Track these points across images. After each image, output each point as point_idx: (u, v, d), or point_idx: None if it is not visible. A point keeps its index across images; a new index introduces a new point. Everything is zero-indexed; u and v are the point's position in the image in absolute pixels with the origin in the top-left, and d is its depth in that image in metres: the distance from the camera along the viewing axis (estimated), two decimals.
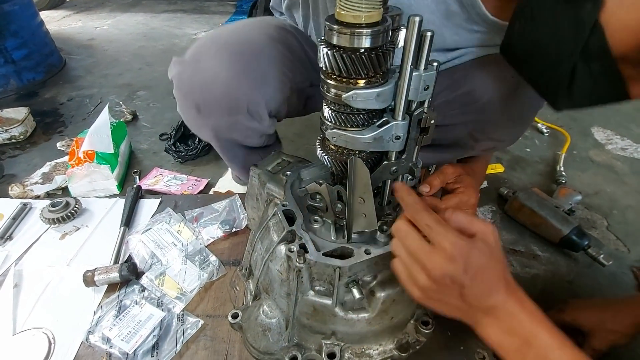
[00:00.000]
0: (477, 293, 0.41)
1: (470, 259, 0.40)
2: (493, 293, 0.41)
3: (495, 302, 0.41)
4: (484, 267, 0.41)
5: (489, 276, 0.41)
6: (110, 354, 0.65)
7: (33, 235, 0.90)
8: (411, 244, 0.43)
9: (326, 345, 0.58)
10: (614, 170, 1.29)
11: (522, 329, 0.40)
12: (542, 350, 0.39)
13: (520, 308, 0.41)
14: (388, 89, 0.44)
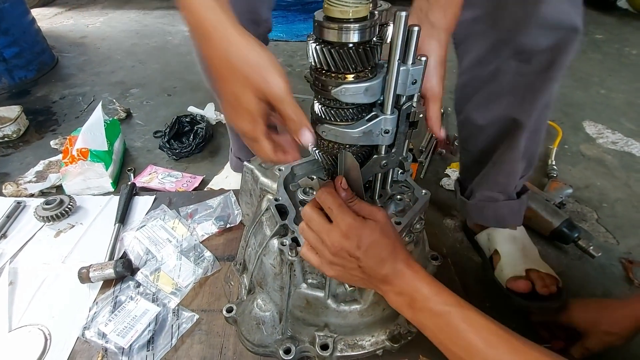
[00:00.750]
0: (371, 265, 0.48)
1: (362, 236, 0.47)
2: (384, 264, 0.48)
3: (387, 271, 0.48)
4: (374, 243, 0.47)
5: (379, 250, 0.48)
6: (106, 348, 0.66)
7: (27, 233, 0.90)
8: (315, 225, 0.49)
9: (319, 337, 0.59)
10: (604, 164, 1.31)
11: (408, 287, 0.47)
12: (424, 300, 0.46)
13: (407, 272, 0.48)
14: (376, 83, 0.45)
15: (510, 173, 0.84)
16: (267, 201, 0.61)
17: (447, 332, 0.45)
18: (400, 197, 0.61)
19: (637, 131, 1.47)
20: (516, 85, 0.70)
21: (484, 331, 0.43)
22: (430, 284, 0.47)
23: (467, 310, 0.45)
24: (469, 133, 0.86)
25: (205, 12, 0.37)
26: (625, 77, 1.87)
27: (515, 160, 0.82)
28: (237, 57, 0.37)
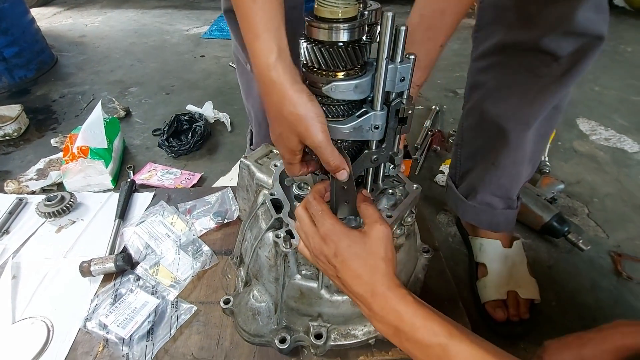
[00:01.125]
0: (347, 280, 0.46)
1: (340, 245, 0.46)
2: (360, 282, 0.45)
3: (362, 291, 0.45)
4: (354, 256, 0.45)
5: (357, 265, 0.45)
6: (107, 339, 0.68)
7: (29, 229, 0.92)
8: (303, 226, 0.51)
9: (313, 326, 0.60)
10: (596, 160, 1.33)
11: (390, 316, 0.43)
12: (411, 330, 0.42)
13: (389, 296, 0.44)
14: (365, 80, 0.46)
15: (514, 176, 0.84)
16: (263, 196, 0.63)
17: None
18: (392, 192, 0.63)
19: (630, 127, 1.50)
20: (530, 84, 0.69)
21: None
22: (417, 311, 0.43)
23: (459, 341, 0.41)
24: (474, 122, 0.84)
25: (269, 72, 0.43)
26: (619, 75, 1.89)
27: (521, 163, 0.81)
28: (288, 110, 0.44)
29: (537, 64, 0.66)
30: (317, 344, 0.59)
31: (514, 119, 0.75)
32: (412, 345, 0.43)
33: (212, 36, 2.42)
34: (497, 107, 0.76)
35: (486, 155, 0.83)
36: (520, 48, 0.67)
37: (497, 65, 0.73)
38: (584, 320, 0.86)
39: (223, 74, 1.94)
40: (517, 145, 0.77)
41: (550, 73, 0.66)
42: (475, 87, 0.80)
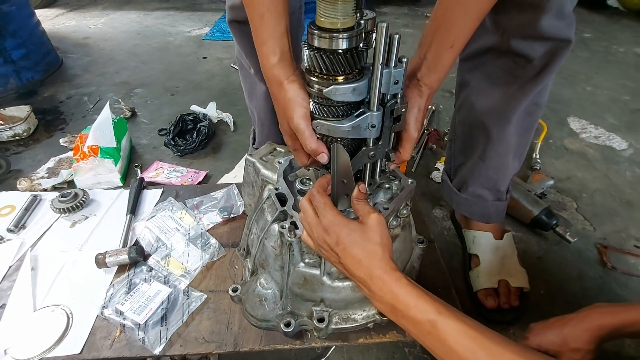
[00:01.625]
0: (348, 265, 0.51)
1: (340, 234, 0.51)
2: (360, 266, 0.50)
3: (363, 275, 0.50)
4: (353, 243, 0.51)
5: (357, 251, 0.50)
6: (124, 325, 0.73)
7: (45, 224, 0.97)
8: (307, 217, 0.56)
9: (316, 311, 0.65)
10: (586, 157, 1.39)
11: (387, 296, 0.49)
12: (405, 309, 0.48)
13: (386, 279, 0.49)
14: (362, 84, 0.51)
15: (500, 169, 0.89)
16: (268, 191, 0.68)
17: (430, 339, 0.47)
18: (389, 186, 0.68)
19: (619, 126, 1.55)
20: (509, 84, 0.77)
21: (464, 338, 0.44)
22: (410, 292, 0.48)
23: (447, 318, 0.46)
24: (463, 118, 0.91)
25: (272, 70, 0.52)
26: (611, 74, 1.95)
27: (505, 156, 0.87)
28: (282, 97, 0.53)
29: (513, 66, 0.74)
30: (319, 327, 0.64)
31: (496, 114, 0.82)
32: (407, 321, 0.48)
33: (214, 37, 2.46)
34: (480, 104, 0.83)
35: (474, 150, 0.90)
36: (498, 51, 0.74)
37: (481, 66, 0.80)
38: (571, 308, 0.90)
39: (226, 75, 1.99)
40: (500, 139, 0.84)
41: (525, 74, 0.74)
42: (463, 86, 0.87)
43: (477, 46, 0.78)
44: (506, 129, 0.82)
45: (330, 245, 0.52)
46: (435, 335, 0.46)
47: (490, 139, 0.84)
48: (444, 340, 0.45)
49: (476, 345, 0.44)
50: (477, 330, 0.45)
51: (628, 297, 0.93)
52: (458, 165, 0.97)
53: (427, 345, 0.48)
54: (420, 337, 0.48)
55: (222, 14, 2.83)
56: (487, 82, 0.80)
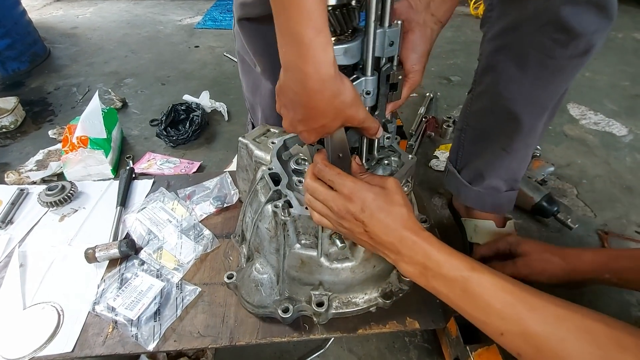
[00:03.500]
0: (376, 231, 0.49)
1: (366, 200, 0.49)
2: (389, 230, 0.48)
3: (393, 239, 0.48)
4: (379, 208, 0.49)
5: (384, 216, 0.48)
6: (116, 321, 0.70)
7: (33, 218, 0.94)
8: (320, 194, 0.52)
9: (315, 295, 0.62)
10: (585, 143, 1.37)
11: (418, 256, 0.48)
12: (437, 267, 0.47)
13: (415, 239, 0.48)
14: (355, 45, 0.47)
15: (524, 159, 0.83)
16: (262, 171, 0.65)
17: (463, 297, 0.45)
18: (388, 162, 0.64)
19: (619, 112, 1.53)
20: (544, 66, 0.66)
21: (500, 292, 0.43)
22: (440, 249, 0.47)
23: (481, 273, 0.45)
24: (484, 106, 0.81)
25: (330, 68, 0.41)
26: (611, 60, 1.92)
27: (532, 146, 0.80)
28: (340, 100, 0.44)
29: (551, 45, 0.62)
30: (319, 311, 0.61)
31: (528, 103, 0.72)
32: (438, 281, 0.47)
33: (206, 26, 2.40)
34: (509, 91, 0.72)
35: (496, 140, 0.81)
36: (534, 25, 0.62)
37: (510, 46, 0.68)
38: (572, 294, 0.90)
39: (218, 64, 1.94)
40: (531, 130, 0.75)
41: (565, 53, 0.63)
42: (488, 70, 0.76)
43: (508, 20, 0.67)
44: (540, 118, 0.73)
45: (354, 214, 0.49)
46: (470, 292, 0.45)
47: (520, 131, 0.75)
48: (479, 296, 0.44)
49: (514, 299, 0.43)
50: (513, 284, 0.44)
51: None
52: (470, 156, 0.90)
53: (460, 305, 0.46)
54: (452, 296, 0.46)
55: (214, 2, 2.76)
56: (517, 65, 0.69)
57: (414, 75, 0.53)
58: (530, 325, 0.41)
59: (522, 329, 0.41)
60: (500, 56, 0.72)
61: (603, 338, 0.39)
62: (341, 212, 0.50)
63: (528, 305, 0.42)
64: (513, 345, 0.43)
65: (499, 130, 0.80)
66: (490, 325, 0.44)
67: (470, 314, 0.46)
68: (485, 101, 0.80)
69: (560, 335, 0.40)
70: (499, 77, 0.74)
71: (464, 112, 0.89)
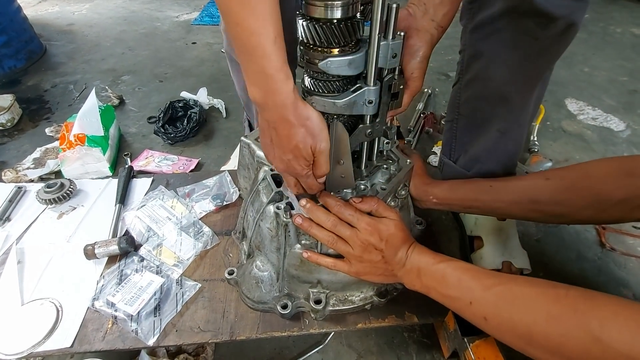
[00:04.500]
0: (391, 253, 0.59)
1: (381, 231, 0.58)
2: (399, 250, 0.59)
3: (401, 255, 0.59)
4: (392, 235, 0.59)
5: (395, 240, 0.59)
6: (116, 316, 0.70)
7: (31, 216, 0.93)
8: (344, 232, 0.59)
9: (313, 293, 0.64)
10: (583, 139, 1.37)
11: (415, 262, 0.58)
12: (427, 266, 0.57)
13: (415, 251, 0.59)
14: (359, 56, 0.49)
15: (518, 140, 0.85)
16: (264, 172, 0.65)
17: (444, 282, 0.54)
18: (386, 167, 0.65)
19: (617, 107, 1.53)
20: (530, 47, 0.70)
21: (479, 273, 0.52)
22: (433, 255, 0.57)
23: (459, 262, 0.55)
24: (476, 93, 0.84)
25: (288, 99, 0.46)
26: (609, 55, 1.92)
27: (524, 124, 0.82)
28: (305, 123, 0.49)
29: (534, 27, 0.67)
30: (316, 308, 0.63)
31: (518, 82, 0.75)
32: (428, 277, 0.57)
33: (203, 22, 2.39)
34: (500, 74, 0.76)
35: (490, 124, 0.83)
36: (517, 12, 0.67)
37: (496, 33, 0.72)
38: None
39: (216, 61, 1.93)
40: (522, 108, 0.79)
41: (548, 34, 0.67)
42: (475, 58, 0.79)
43: (493, 11, 0.70)
44: (529, 95, 0.76)
45: (375, 245, 0.58)
46: (449, 275, 0.54)
47: (512, 110, 0.78)
48: (457, 279, 0.53)
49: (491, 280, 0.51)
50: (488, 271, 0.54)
51: (627, 278, 0.93)
52: (465, 145, 0.91)
53: (443, 291, 0.55)
54: (438, 286, 0.55)
55: None
56: (505, 49, 0.73)
57: (414, 82, 0.55)
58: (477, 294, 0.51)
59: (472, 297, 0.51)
60: (489, 42, 0.75)
61: None
62: (364, 244, 0.58)
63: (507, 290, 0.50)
64: (478, 312, 0.51)
65: (492, 113, 0.82)
66: (459, 300, 0.53)
67: (451, 297, 0.54)
68: (475, 87, 0.83)
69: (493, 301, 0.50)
70: (488, 62, 0.77)
71: (453, 104, 0.91)
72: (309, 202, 0.58)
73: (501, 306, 0.48)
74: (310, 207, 0.59)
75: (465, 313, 0.53)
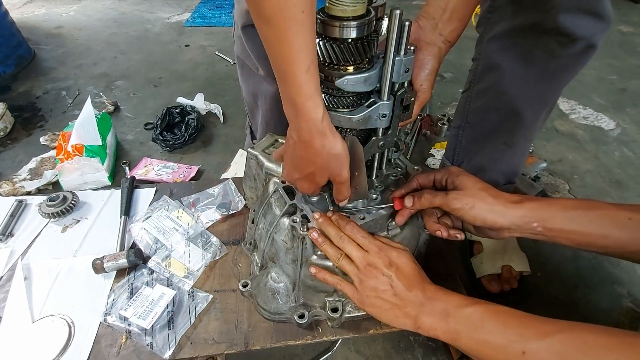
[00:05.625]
0: (402, 286, 0.54)
1: (391, 257, 0.56)
2: (413, 285, 0.54)
3: (416, 292, 0.54)
4: (404, 264, 0.56)
5: (407, 269, 0.55)
6: (130, 331, 0.71)
7: (34, 230, 0.92)
8: (351, 252, 0.58)
9: (329, 302, 0.65)
10: (575, 138, 1.41)
11: (440, 302, 0.52)
12: (456, 308, 0.51)
13: (438, 291, 0.54)
14: (374, 73, 0.49)
15: (524, 152, 0.87)
16: (274, 184, 0.66)
17: (481, 327, 0.47)
18: (395, 175, 0.67)
19: (606, 106, 1.58)
20: (547, 64, 0.70)
21: (530, 319, 0.45)
22: (462, 297, 0.52)
23: (498, 305, 0.49)
24: (486, 104, 0.83)
25: (319, 125, 0.47)
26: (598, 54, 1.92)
27: (531, 139, 0.84)
28: (329, 152, 0.50)
29: (554, 45, 0.67)
30: (333, 317, 0.64)
31: (532, 99, 0.75)
32: (457, 319, 0.50)
33: (195, 24, 2.36)
34: (514, 88, 0.75)
35: (498, 136, 0.84)
36: (540, 29, 0.66)
37: (514, 47, 0.72)
38: (567, 288, 0.94)
39: (211, 64, 1.92)
40: (532, 124, 0.80)
41: (567, 53, 0.67)
42: (490, 69, 0.79)
43: (515, 24, 0.70)
44: (541, 113, 0.77)
45: (382, 270, 0.55)
46: (487, 320, 0.48)
47: (522, 125, 0.79)
48: (494, 324, 0.47)
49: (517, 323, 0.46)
50: (529, 315, 0.47)
51: (620, 275, 0.97)
52: (469, 153, 0.92)
53: (477, 336, 0.48)
54: (471, 331, 0.49)
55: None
56: (522, 63, 0.73)
57: (423, 93, 0.57)
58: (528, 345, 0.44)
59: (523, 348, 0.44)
60: (506, 55, 0.74)
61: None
62: (370, 265, 0.55)
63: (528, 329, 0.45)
64: None
65: (501, 125, 0.83)
66: (506, 349, 0.45)
67: (486, 342, 0.47)
68: (487, 98, 0.83)
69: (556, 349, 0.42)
70: (504, 75, 0.76)
71: (461, 111, 0.91)
72: (322, 216, 0.59)
73: (570, 356, 0.41)
74: (323, 221, 0.59)
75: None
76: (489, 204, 0.56)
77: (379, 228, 0.63)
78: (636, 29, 2.21)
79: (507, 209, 0.55)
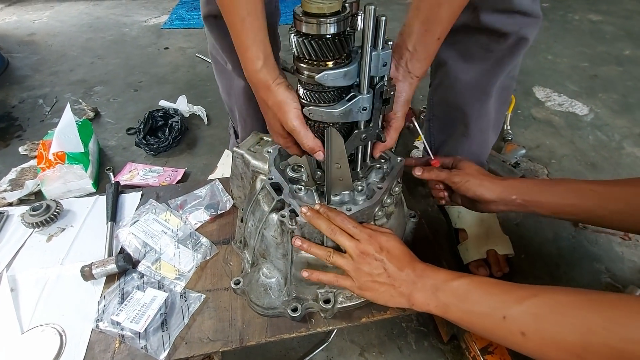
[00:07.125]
0: (394, 267, 0.57)
1: (381, 242, 0.58)
2: (404, 265, 0.57)
3: (407, 271, 0.57)
4: (393, 247, 0.58)
5: (397, 252, 0.58)
6: (123, 335, 0.70)
7: (17, 241, 0.90)
8: (343, 242, 0.59)
9: (321, 293, 0.66)
10: (552, 124, 1.46)
11: (430, 279, 0.56)
12: (444, 282, 0.54)
13: (427, 269, 0.57)
14: (353, 68, 0.51)
15: (482, 143, 0.92)
16: (261, 181, 0.67)
17: (467, 298, 0.51)
18: (379, 166, 0.69)
19: (580, 92, 1.64)
20: (485, 58, 0.78)
21: (509, 286, 0.49)
22: (448, 272, 0.55)
23: (481, 277, 0.53)
24: (442, 98, 0.91)
25: (257, 75, 0.52)
26: (569, 42, 2.04)
27: (486, 130, 0.89)
28: (271, 100, 0.53)
29: (487, 41, 0.75)
30: (326, 308, 0.65)
31: (476, 91, 0.83)
32: (446, 293, 0.54)
33: (173, 26, 2.34)
34: (459, 83, 0.84)
35: (456, 127, 0.91)
36: (470, 28, 0.74)
37: (456, 44, 0.80)
38: (549, 268, 0.98)
39: (191, 66, 1.90)
40: (481, 115, 0.86)
41: (500, 48, 0.75)
42: (439, 66, 0.87)
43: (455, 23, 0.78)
44: (487, 104, 0.84)
45: (374, 255, 0.57)
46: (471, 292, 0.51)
47: (472, 115, 0.86)
48: (480, 294, 0.50)
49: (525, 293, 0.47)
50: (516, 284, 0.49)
51: (598, 252, 1.01)
52: (439, 143, 0.99)
53: (464, 307, 0.51)
54: (458, 303, 0.52)
55: (179, 0, 2.68)
56: (464, 59, 0.81)
57: (397, 120, 0.60)
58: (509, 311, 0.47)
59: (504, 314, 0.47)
60: (450, 52, 0.82)
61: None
62: (364, 252, 0.57)
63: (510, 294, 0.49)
64: (514, 327, 0.47)
65: (456, 118, 0.90)
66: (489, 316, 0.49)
67: (474, 312, 0.50)
68: (441, 93, 0.91)
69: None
70: (449, 70, 0.84)
71: (428, 104, 0.99)
72: (310, 209, 0.60)
73: (545, 318, 0.43)
74: (312, 215, 0.60)
75: (495, 331, 0.48)
76: (480, 179, 0.67)
77: (366, 218, 0.64)
78: (604, 17, 2.29)
79: (492, 185, 0.66)
